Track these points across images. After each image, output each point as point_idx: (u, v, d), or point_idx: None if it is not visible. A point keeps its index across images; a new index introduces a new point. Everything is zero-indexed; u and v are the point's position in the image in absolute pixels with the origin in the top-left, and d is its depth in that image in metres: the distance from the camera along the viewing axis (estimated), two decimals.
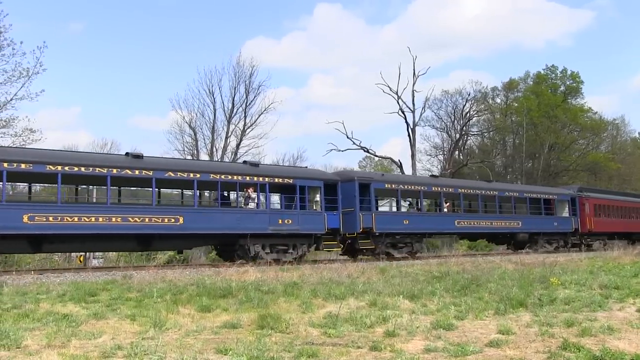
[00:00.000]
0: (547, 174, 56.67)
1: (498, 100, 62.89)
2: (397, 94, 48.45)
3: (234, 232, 20.23)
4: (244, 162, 23.06)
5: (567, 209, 34.53)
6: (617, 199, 40.49)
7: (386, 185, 25.56)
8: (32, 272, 16.68)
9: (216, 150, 42.70)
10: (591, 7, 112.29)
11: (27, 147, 24.77)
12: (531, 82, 62.28)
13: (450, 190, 28.34)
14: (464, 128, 56.78)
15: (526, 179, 54.15)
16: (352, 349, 6.61)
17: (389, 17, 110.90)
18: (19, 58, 27.48)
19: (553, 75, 62.50)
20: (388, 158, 53.54)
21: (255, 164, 22.33)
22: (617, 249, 27.66)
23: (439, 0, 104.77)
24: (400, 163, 50.19)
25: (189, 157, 41.52)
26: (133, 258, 29.55)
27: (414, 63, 49.77)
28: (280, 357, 6.17)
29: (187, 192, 22.00)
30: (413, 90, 48.79)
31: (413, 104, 49.26)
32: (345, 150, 49.17)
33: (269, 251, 21.09)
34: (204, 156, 42.30)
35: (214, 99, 43.57)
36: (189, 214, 19.56)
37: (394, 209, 28.71)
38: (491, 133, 61.25)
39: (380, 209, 32.44)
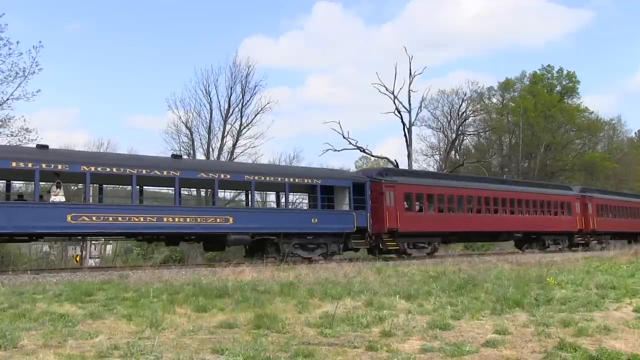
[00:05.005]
0: (544, 174, 56.82)
1: (494, 100, 63.17)
2: (393, 93, 48.52)
3: None
4: None
5: (347, 200, 23.62)
6: (456, 186, 28.55)
7: None
8: (29, 271, 16.67)
9: (212, 150, 42.66)
10: (591, 7, 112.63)
11: None
12: (527, 82, 62.50)
13: (62, 167, 17.51)
14: (460, 128, 56.94)
15: (523, 179, 54.16)
16: (349, 349, 6.61)
17: (387, 17, 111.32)
18: (15, 58, 27.46)
19: (549, 75, 62.80)
20: (384, 158, 53.53)
21: None
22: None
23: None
24: (397, 163, 50.22)
25: (186, 157, 41.39)
26: (129, 258, 29.49)
27: (410, 63, 49.52)
28: (277, 357, 6.16)
29: None
30: (409, 90, 48.89)
31: (409, 103, 49.39)
32: (341, 150, 49.34)
33: None
34: (200, 156, 42.21)
35: (210, 98, 43.48)
36: None
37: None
38: (487, 133, 61.41)
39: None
